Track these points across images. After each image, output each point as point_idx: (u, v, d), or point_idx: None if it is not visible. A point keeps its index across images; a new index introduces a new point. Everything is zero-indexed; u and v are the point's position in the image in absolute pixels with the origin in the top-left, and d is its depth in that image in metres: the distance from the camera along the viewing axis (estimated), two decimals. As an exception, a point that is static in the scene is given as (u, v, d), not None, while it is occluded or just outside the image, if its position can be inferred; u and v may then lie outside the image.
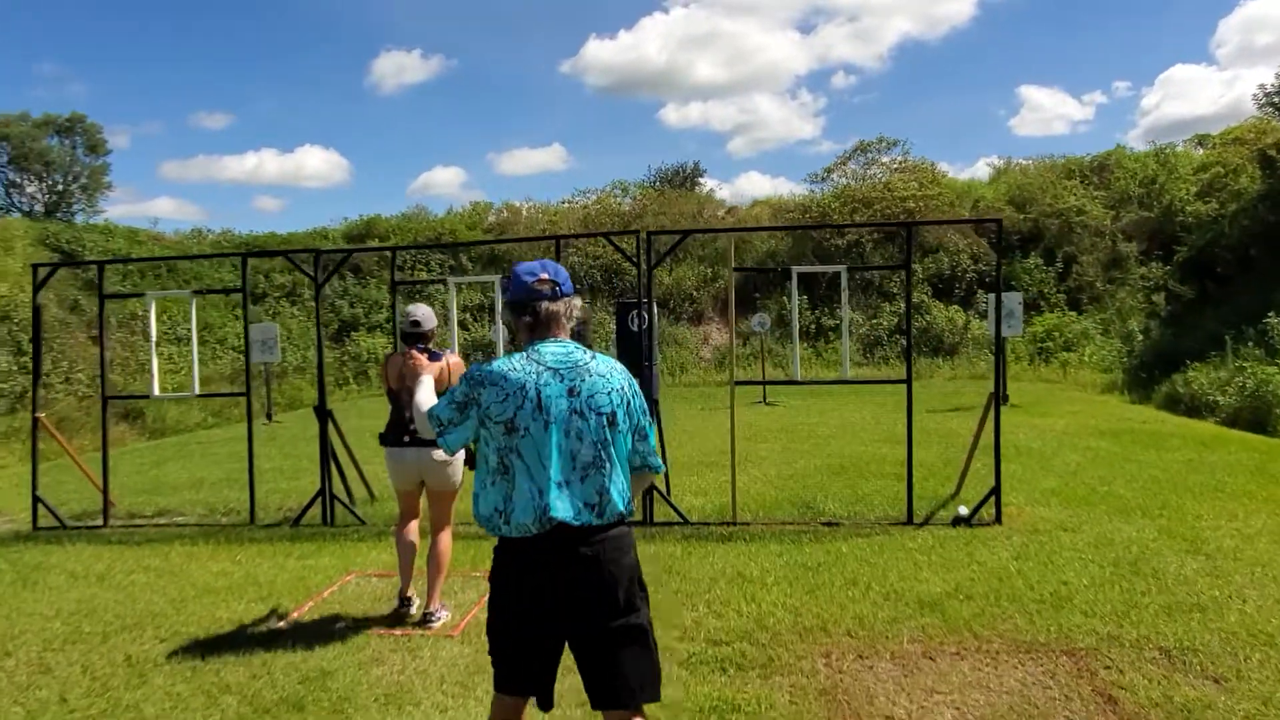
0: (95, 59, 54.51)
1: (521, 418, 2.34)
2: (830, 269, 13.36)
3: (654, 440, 2.64)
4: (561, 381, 2.38)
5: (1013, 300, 13.33)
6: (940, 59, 63.13)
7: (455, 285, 6.90)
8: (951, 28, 61.09)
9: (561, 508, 2.30)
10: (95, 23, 54.31)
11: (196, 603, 5.17)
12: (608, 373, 2.46)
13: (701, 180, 29.94)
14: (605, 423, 2.39)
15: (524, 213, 26.28)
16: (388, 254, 26.21)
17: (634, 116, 65.90)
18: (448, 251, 24.99)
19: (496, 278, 6.86)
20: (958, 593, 4.88)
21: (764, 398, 14.99)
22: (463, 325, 22.85)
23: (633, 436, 2.48)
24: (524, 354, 2.45)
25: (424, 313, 4.86)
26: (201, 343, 18.69)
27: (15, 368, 15.19)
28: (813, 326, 21.51)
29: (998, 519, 6.44)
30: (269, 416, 15.50)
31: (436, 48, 67.20)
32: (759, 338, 18.43)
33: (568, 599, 2.34)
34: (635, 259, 6.80)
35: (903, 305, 21.48)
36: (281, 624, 4.73)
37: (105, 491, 7.39)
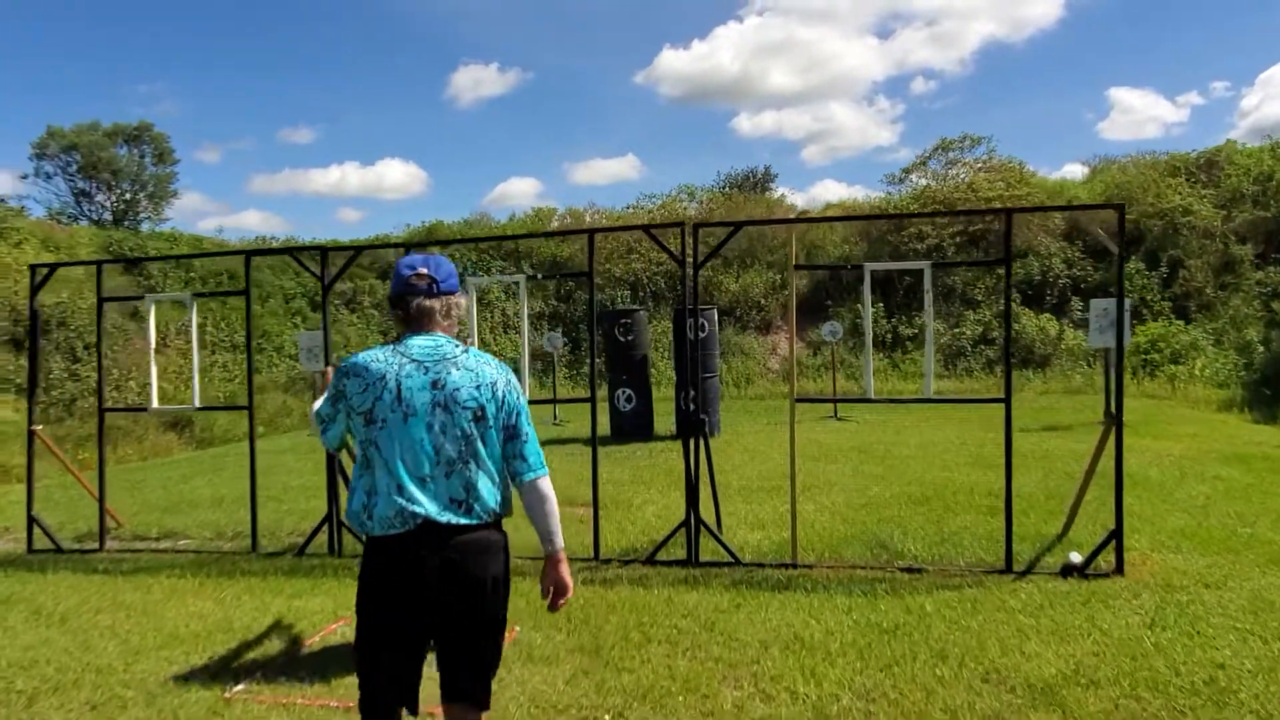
0: (190, 79, 56.92)
1: (380, 409, 2.31)
2: (910, 266, 12.13)
3: (534, 443, 2.51)
4: (425, 374, 2.36)
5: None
6: (1024, 62, 60.70)
7: (475, 286, 6.08)
8: (1037, 29, 58.74)
9: (425, 503, 2.29)
10: (190, 44, 56.72)
11: (153, 656, 4.41)
12: (477, 367, 2.43)
13: (772, 185, 28.82)
14: (471, 418, 2.37)
15: (587, 218, 25.58)
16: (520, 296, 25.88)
17: (707, 125, 65.35)
18: (509, 260, 24.46)
19: (521, 277, 6.02)
20: (1079, 676, 3.79)
21: (835, 413, 13.84)
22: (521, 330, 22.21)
23: (504, 435, 2.45)
24: (390, 346, 2.42)
25: None
26: (258, 350, 18.46)
27: (67, 375, 15.07)
28: (889, 336, 20.18)
29: (1119, 568, 5.28)
30: (315, 427, 14.98)
31: (513, 61, 68.30)
32: (830, 347, 17.23)
33: (433, 597, 2.30)
34: (680, 256, 5.86)
35: (988, 313, 19.99)
36: (227, 694, 3.90)
37: (101, 514, 6.77)
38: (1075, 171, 29.38)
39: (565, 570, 2.65)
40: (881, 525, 6.63)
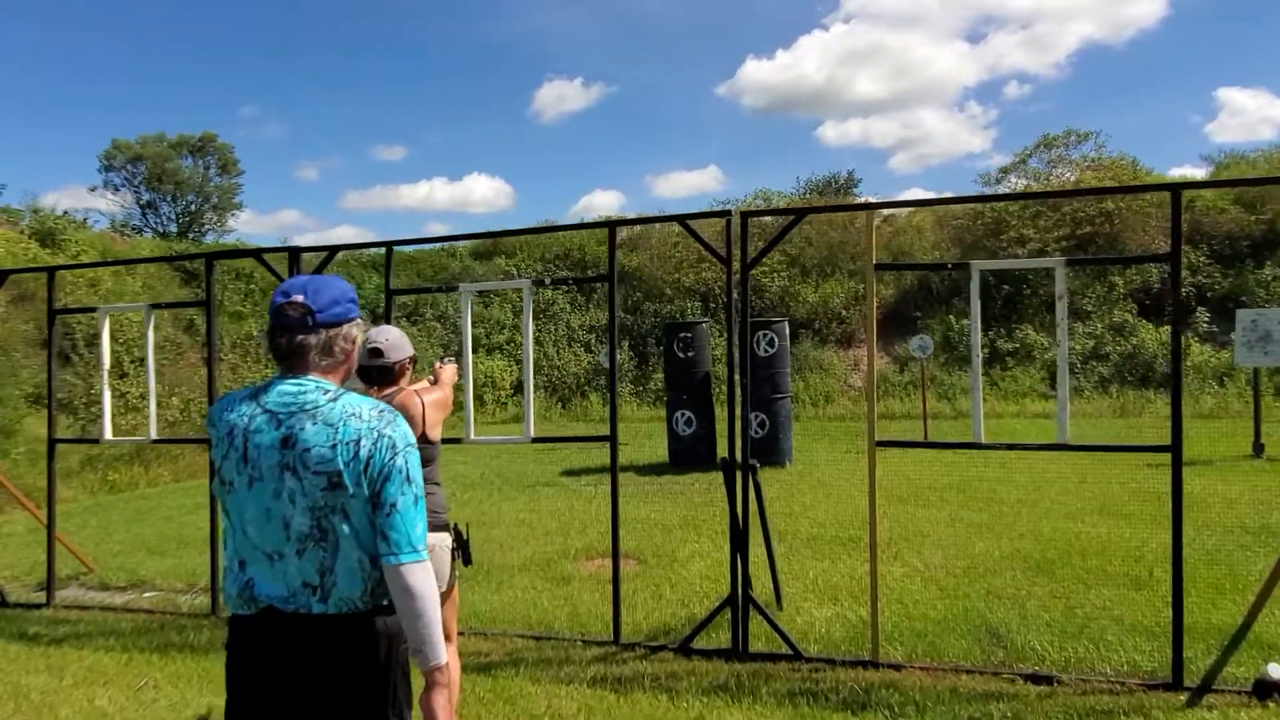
0: (289, 101, 59.15)
1: (227, 469, 1.92)
2: (1036, 264, 10.42)
3: (403, 517, 1.87)
4: (277, 428, 1.88)
5: (1271, 319, 10.02)
6: (1125, 64, 57.28)
7: (469, 293, 4.87)
8: (1139, 30, 55.43)
9: (270, 585, 1.88)
10: (288, 69, 58.91)
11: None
12: (340, 420, 1.88)
13: (856, 191, 27.09)
14: (325, 484, 1.85)
15: (657, 226, 24.37)
16: (510, 268, 25.11)
17: (791, 135, 64.08)
18: (576, 270, 23.43)
19: (525, 282, 4.79)
20: None
21: (925, 437, 12.20)
22: (587, 347, 21.14)
23: (371, 507, 1.87)
24: (253, 389, 1.97)
25: (392, 338, 3.33)
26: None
27: (113, 393, 14.58)
28: (985, 351, 18.28)
29: (1345, 691, 3.69)
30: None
31: (597, 75, 68.91)
32: (919, 364, 15.55)
33: (276, 700, 1.84)
34: (726, 254, 4.53)
35: (1099, 325, 17.91)
36: None
37: (50, 562, 5.78)
38: (1195, 170, 26.73)
39: (439, 701, 1.85)
40: (992, 602, 5.13)
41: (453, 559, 3.31)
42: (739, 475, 4.47)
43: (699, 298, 20.80)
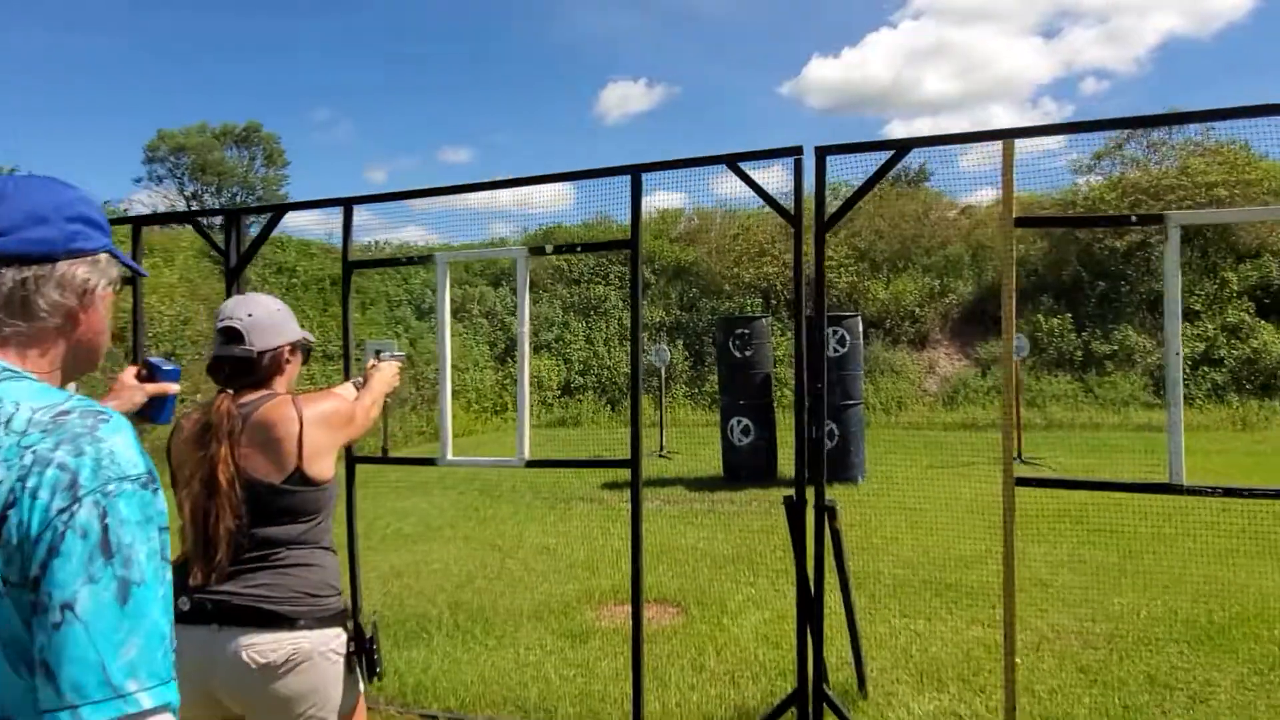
0: (360, 104, 60.16)
1: None
2: (1252, 216, 8.81)
3: (101, 637, 0.87)
4: None
5: None
6: (1211, 58, 54.09)
7: (445, 264, 3.64)
8: (1227, 23, 52.25)
9: None
10: (360, 73, 59.82)
11: None
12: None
13: (928, 183, 25.31)
14: None
15: (716, 219, 23.02)
16: (561, 263, 23.94)
17: (856, 135, 62.50)
18: (629, 264, 22.25)
19: (519, 250, 3.56)
20: None
21: (1018, 454, 10.63)
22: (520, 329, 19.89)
23: (30, 609, 0.90)
24: None
25: (259, 314, 2.17)
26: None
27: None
28: (1079, 353, 16.51)
29: None
30: (384, 452, 13.08)
31: (661, 76, 68.76)
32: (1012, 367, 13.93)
33: None
34: (795, 210, 3.23)
35: (1210, 326, 15.98)
36: None
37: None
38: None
39: None
40: (1160, 696, 3.71)
41: (350, 670, 2.08)
42: (810, 520, 3.16)
43: (760, 294, 19.41)
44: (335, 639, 2.03)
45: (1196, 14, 53.30)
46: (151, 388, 2.00)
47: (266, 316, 2.11)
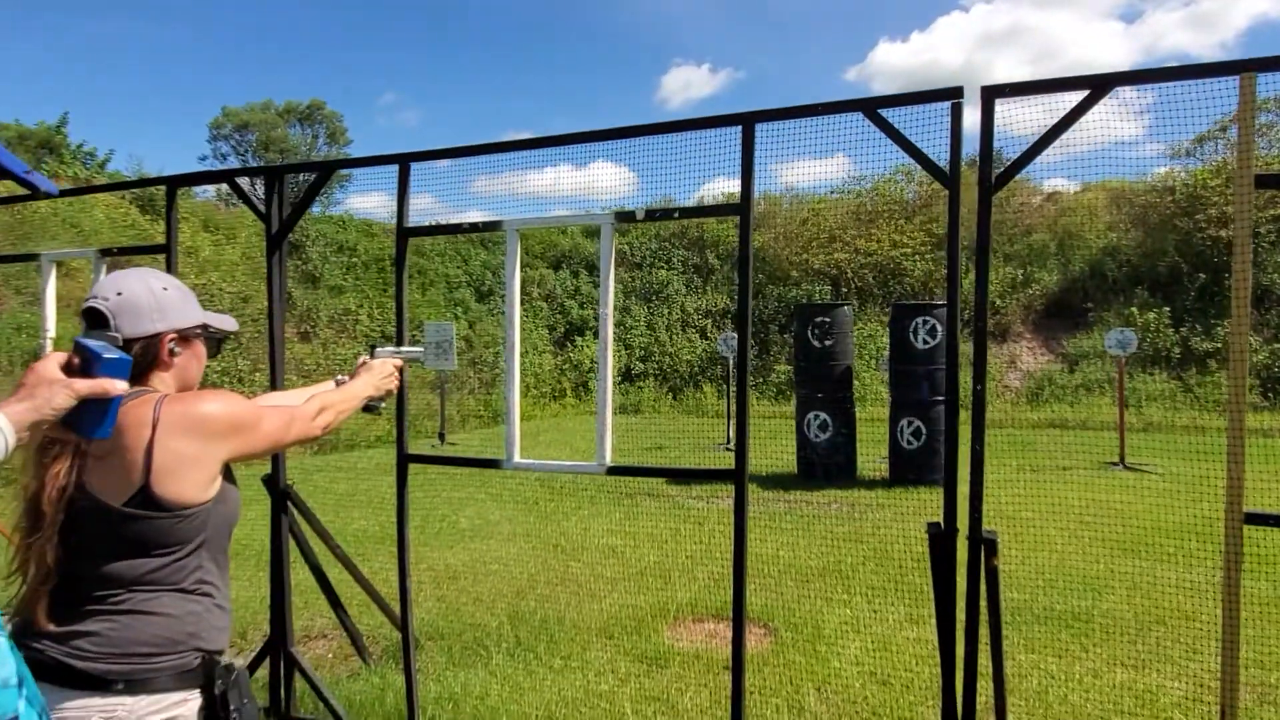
0: (425, 88, 60.84)
1: None
2: None
3: None
4: None
5: None
6: (1305, 42, 51.13)
7: (514, 231, 3.07)
8: (1323, 2, 49.26)
9: None
10: (426, 57, 60.48)
11: None
12: None
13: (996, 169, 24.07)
14: None
15: (784, 204, 22.23)
16: (623, 245, 23.38)
17: (923, 122, 61.16)
18: (694, 250, 21.67)
19: (605, 216, 2.99)
20: None
21: (1120, 459, 9.77)
22: (703, 334, 19.30)
23: None
24: None
25: (130, 293, 1.66)
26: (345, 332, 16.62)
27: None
28: (1176, 350, 15.39)
29: None
30: (441, 436, 12.78)
31: (725, 61, 68.04)
32: (1113, 362, 13.01)
33: None
34: (951, 167, 2.60)
35: (1325, 324, 14.73)
36: None
37: None
38: None
39: None
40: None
41: None
42: (962, 555, 2.54)
43: (829, 281, 18.63)
44: (172, 705, 1.55)
45: (1292, -4, 50.41)
46: (84, 386, 1.36)
47: (144, 296, 1.62)
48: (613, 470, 2.95)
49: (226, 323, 1.84)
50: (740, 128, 2.79)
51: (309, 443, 1.91)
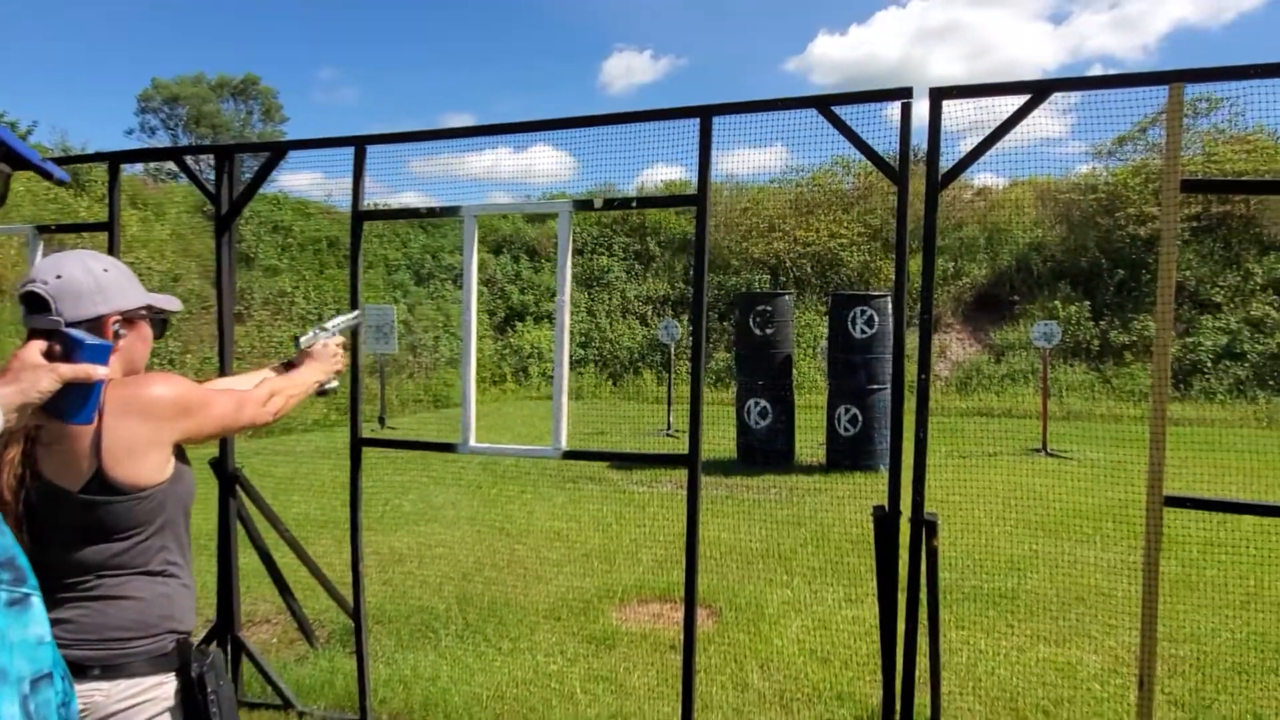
0: (363, 66, 59.27)
1: None
2: None
3: None
4: None
5: None
6: (1220, 49, 53.73)
7: (474, 217, 3.08)
8: (1239, 14, 51.83)
9: None
10: (366, 33, 58.86)
11: None
12: None
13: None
14: None
15: (724, 192, 22.43)
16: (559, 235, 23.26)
17: (860, 116, 62.48)
18: (635, 236, 21.68)
19: (563, 204, 3.03)
20: None
21: (1044, 446, 10.20)
22: (644, 320, 19.41)
23: None
24: None
25: (69, 275, 1.63)
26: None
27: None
28: (1095, 343, 16.07)
29: None
30: (381, 421, 12.65)
31: (667, 48, 67.99)
32: (1037, 353, 13.51)
33: None
34: (899, 164, 2.71)
35: (1232, 319, 15.55)
36: None
37: None
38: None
39: None
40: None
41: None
42: (904, 538, 2.68)
43: (768, 270, 18.91)
44: (148, 689, 1.58)
45: (1209, 3, 52.79)
46: (67, 370, 1.40)
47: (84, 279, 1.61)
48: (569, 454, 3.01)
49: (170, 303, 1.83)
50: (698, 120, 2.85)
51: (260, 428, 1.92)
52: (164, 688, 1.60)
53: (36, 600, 1.12)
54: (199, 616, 4.47)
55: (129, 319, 1.68)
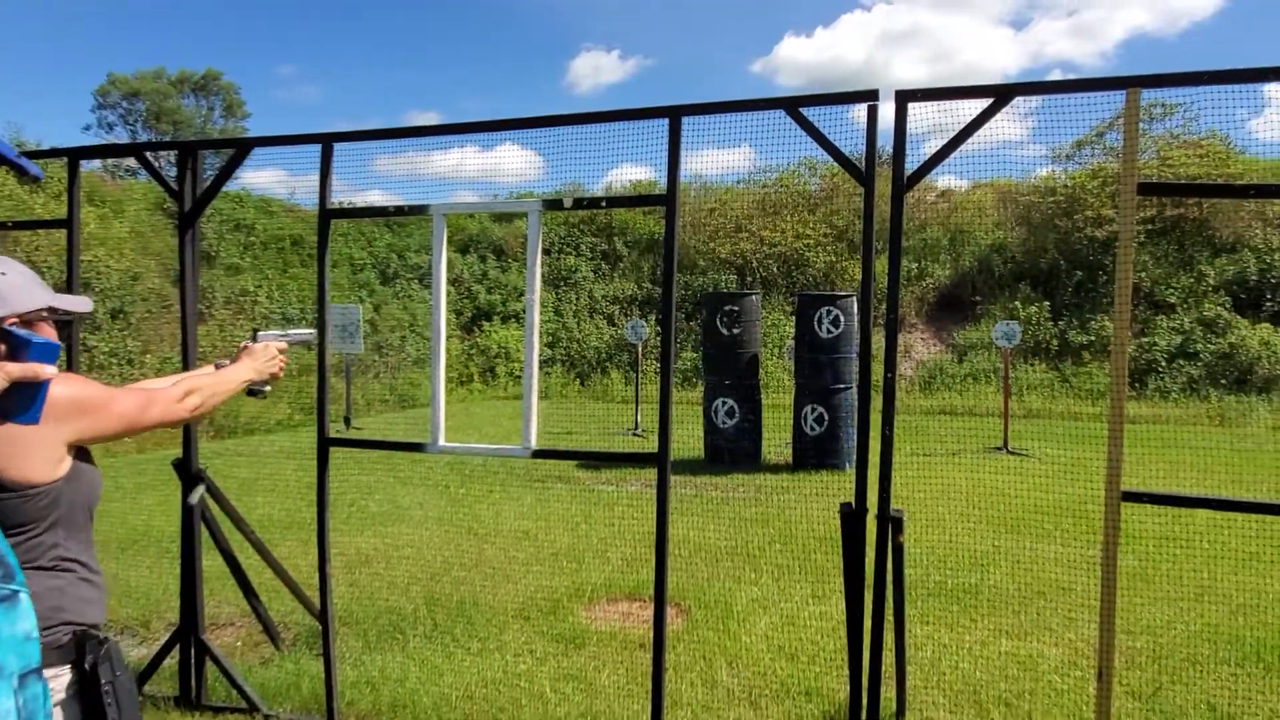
0: (327, 63, 58.50)
1: None
2: None
3: None
4: None
5: None
6: (1175, 56, 55.19)
7: (443, 215, 3.06)
8: (1192, 22, 53.25)
9: None
10: (328, 30, 58.06)
11: None
12: None
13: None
14: None
15: (691, 193, 22.50)
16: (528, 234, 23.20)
17: (826, 118, 63.14)
18: (602, 236, 21.66)
19: (533, 204, 3.02)
20: None
21: (1005, 444, 10.38)
22: (611, 320, 19.41)
23: None
24: None
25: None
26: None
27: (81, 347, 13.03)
28: (1054, 343, 16.37)
29: None
30: (347, 421, 12.52)
31: (635, 48, 68.02)
32: (998, 353, 13.73)
33: None
34: (865, 166, 2.75)
35: (1185, 319, 15.92)
36: None
37: None
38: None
39: None
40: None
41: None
42: (871, 535, 2.72)
43: (734, 270, 19.01)
44: (58, 676, 1.60)
45: (1165, 11, 54.13)
46: (15, 369, 1.39)
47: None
48: (539, 453, 3.01)
49: (77, 304, 1.83)
50: (667, 120, 2.86)
51: (175, 425, 1.91)
52: (57, 680, 1.60)
53: (24, 597, 1.12)
54: (162, 619, 4.42)
55: (27, 321, 1.67)
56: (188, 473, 3.46)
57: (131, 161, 23.65)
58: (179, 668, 3.50)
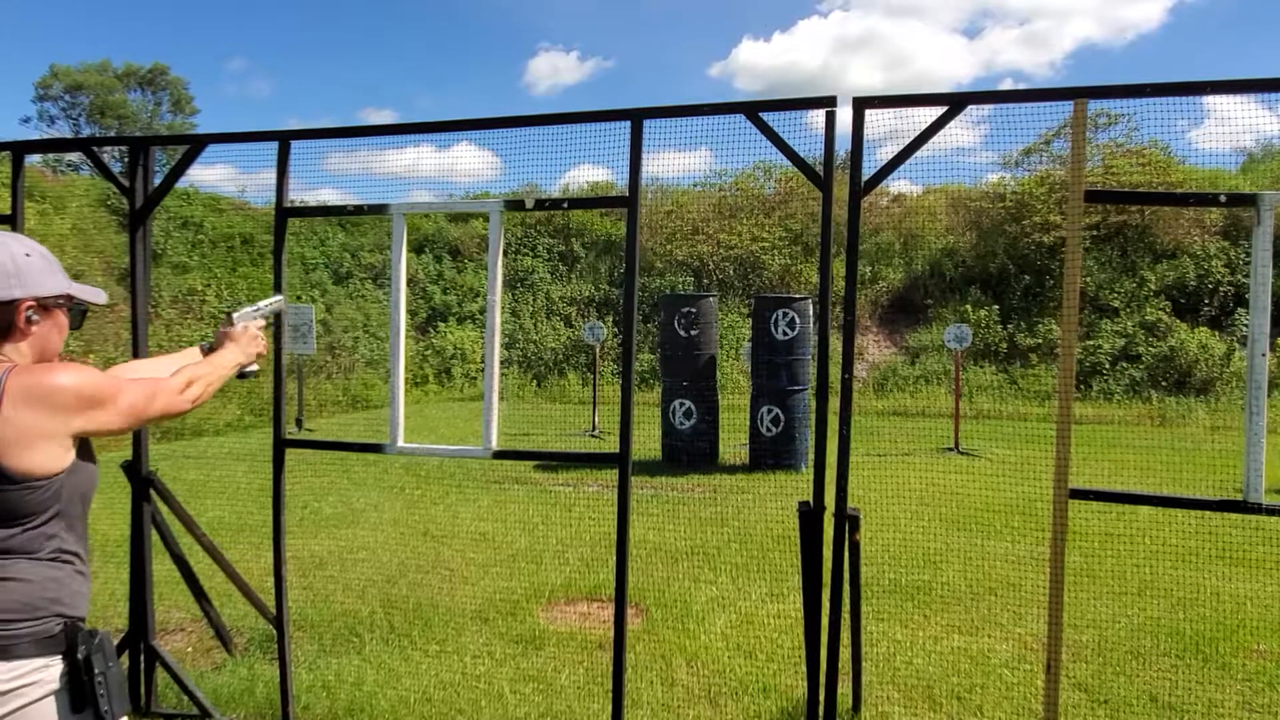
0: (277, 58, 57.27)
1: None
2: None
3: None
4: None
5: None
6: (1122, 66, 56.77)
7: (401, 215, 3.04)
8: (1138, 34, 54.89)
9: None
10: (280, 23, 56.84)
11: None
12: None
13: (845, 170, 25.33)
14: None
15: (649, 195, 22.56)
16: (488, 232, 23.12)
17: (784, 123, 63.85)
18: (559, 237, 21.61)
19: (494, 203, 3.02)
20: None
21: (955, 444, 10.58)
22: (568, 321, 19.37)
23: None
24: None
25: None
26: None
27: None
28: (1004, 345, 16.73)
29: None
30: (299, 423, 12.32)
31: (593, 49, 67.83)
32: (950, 356, 13.98)
33: None
34: (824, 173, 2.80)
35: (1128, 323, 16.39)
36: None
37: None
38: (1229, 161, 25.17)
39: None
40: (1163, 715, 3.48)
41: (76, 710, 1.63)
42: (828, 534, 2.77)
43: (691, 272, 19.11)
44: (33, 671, 1.56)
45: (1112, 23, 55.63)
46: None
47: (4, 261, 1.61)
48: (499, 454, 3.01)
49: (94, 295, 1.80)
50: (629, 123, 2.88)
51: (174, 417, 1.88)
52: (49, 670, 1.57)
53: None
54: (109, 625, 4.30)
55: (44, 305, 1.65)
56: (138, 476, 3.39)
57: (74, 156, 23.04)
58: (128, 674, 3.42)
